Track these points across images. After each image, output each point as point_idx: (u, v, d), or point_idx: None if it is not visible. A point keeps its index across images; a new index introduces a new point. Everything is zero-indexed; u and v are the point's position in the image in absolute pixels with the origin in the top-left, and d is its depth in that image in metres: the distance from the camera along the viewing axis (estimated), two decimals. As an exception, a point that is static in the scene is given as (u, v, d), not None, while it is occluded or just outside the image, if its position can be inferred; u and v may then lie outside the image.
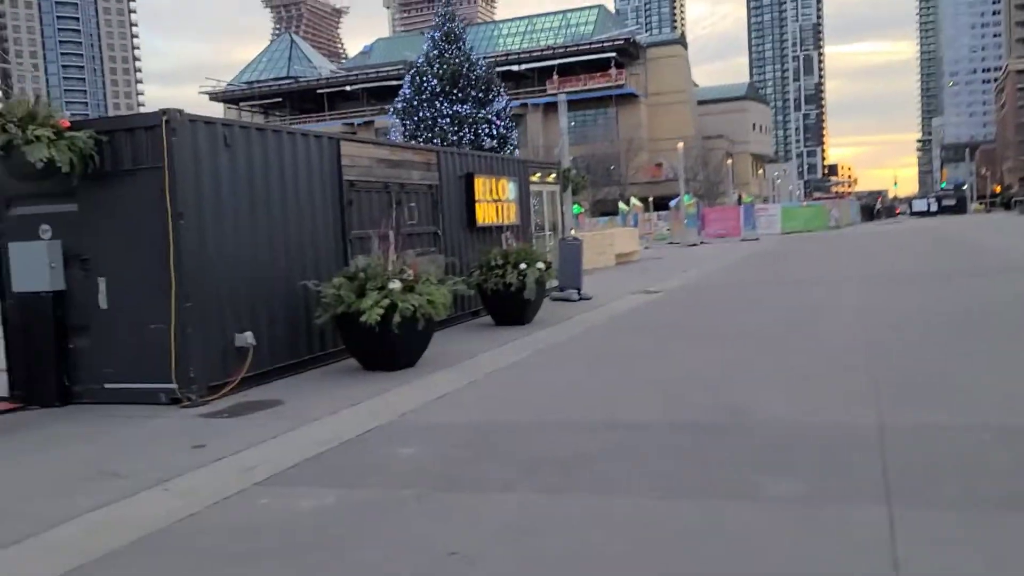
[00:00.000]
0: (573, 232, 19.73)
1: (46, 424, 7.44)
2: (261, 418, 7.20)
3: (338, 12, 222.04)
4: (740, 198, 62.07)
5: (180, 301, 7.81)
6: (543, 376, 8.80)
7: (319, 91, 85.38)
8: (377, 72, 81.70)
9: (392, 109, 34.80)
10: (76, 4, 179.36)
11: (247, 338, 8.42)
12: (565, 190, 18.67)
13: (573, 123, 33.89)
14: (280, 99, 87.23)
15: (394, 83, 58.36)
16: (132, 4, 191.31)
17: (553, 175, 18.09)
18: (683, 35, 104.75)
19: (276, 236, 9.17)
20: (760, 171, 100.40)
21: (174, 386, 7.84)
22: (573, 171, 19.01)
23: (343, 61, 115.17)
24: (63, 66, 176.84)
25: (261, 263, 8.88)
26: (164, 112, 7.92)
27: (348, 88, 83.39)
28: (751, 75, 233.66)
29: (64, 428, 7.25)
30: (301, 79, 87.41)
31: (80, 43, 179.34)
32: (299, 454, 5.90)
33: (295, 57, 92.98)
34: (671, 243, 40.42)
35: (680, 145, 46.32)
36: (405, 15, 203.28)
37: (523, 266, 12.22)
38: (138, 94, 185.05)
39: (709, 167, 75.94)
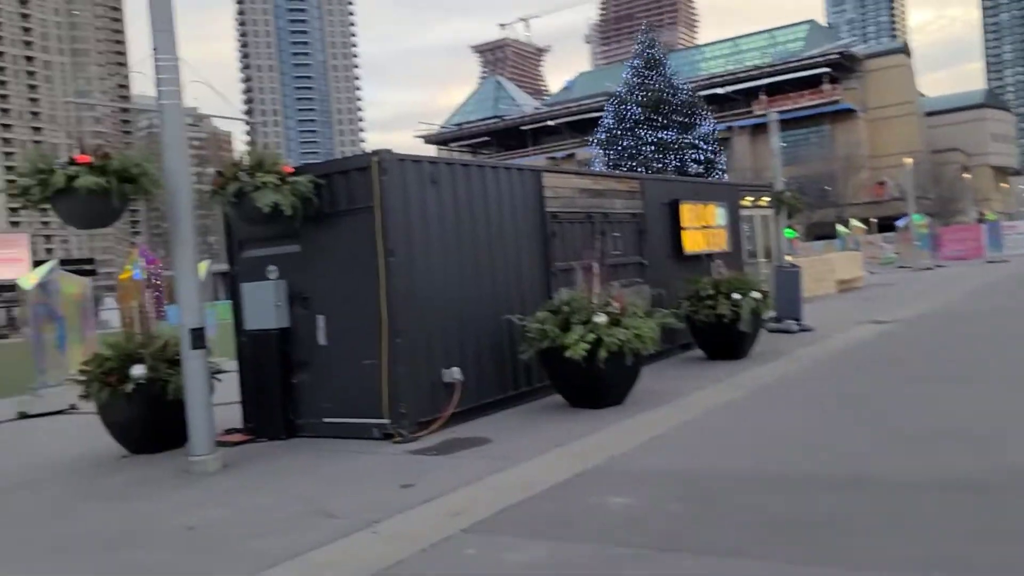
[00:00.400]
0: (789, 258, 18.42)
1: (271, 457, 7.77)
2: (468, 457, 7.06)
3: (541, 51, 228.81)
4: (981, 215, 55.85)
5: (391, 337, 7.92)
6: (766, 418, 8.00)
7: (523, 128, 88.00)
8: (579, 105, 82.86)
9: (594, 140, 34.86)
10: (310, 64, 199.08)
11: (455, 374, 8.40)
12: (779, 213, 17.48)
13: (784, 143, 32.10)
14: (487, 138, 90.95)
15: (595, 115, 58.66)
16: (356, 60, 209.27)
17: (766, 198, 17.01)
18: (905, 44, 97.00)
19: (481, 270, 9.15)
20: (1004, 185, 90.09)
21: (386, 421, 7.94)
22: (788, 193, 17.75)
23: (545, 97, 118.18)
24: (299, 120, 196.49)
25: (467, 298, 8.87)
26: (375, 153, 8.15)
27: (551, 123, 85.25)
28: (987, 81, 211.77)
29: (286, 462, 7.52)
30: (506, 117, 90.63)
31: (313, 99, 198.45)
32: (506, 499, 5.64)
33: (500, 97, 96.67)
34: (899, 267, 36.96)
35: (908, 160, 42.46)
36: (606, 47, 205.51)
37: (736, 296, 11.42)
38: (361, 141, 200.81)
39: (941, 183, 69.23)
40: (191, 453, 7.33)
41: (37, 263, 16.17)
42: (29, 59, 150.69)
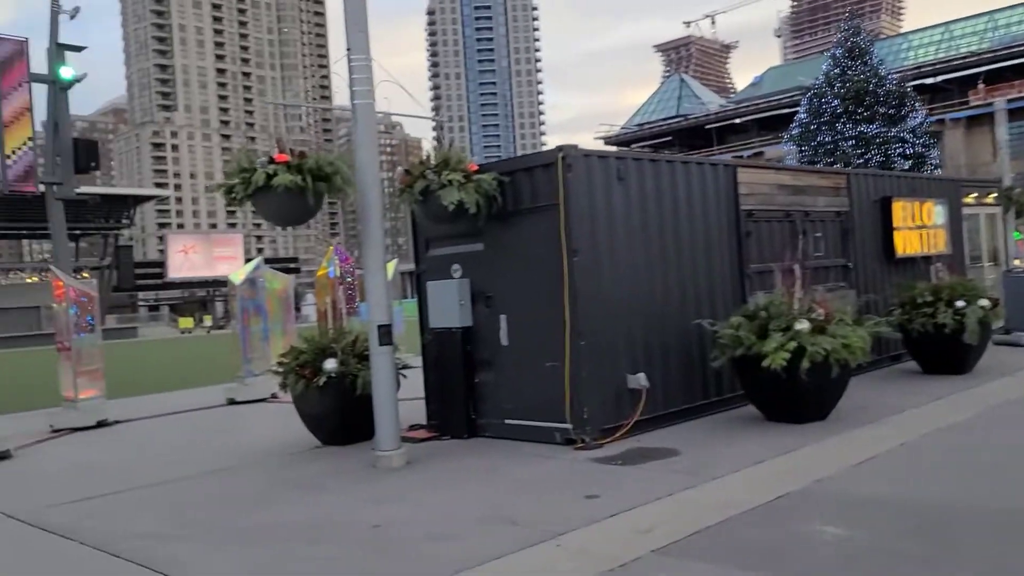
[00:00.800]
0: (1017, 262, 16.34)
1: (454, 456, 7.72)
2: (656, 469, 6.62)
3: (727, 48, 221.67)
4: None
5: (574, 339, 7.64)
6: (1001, 444, 6.94)
7: (707, 127, 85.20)
8: (767, 102, 79.01)
9: (787, 136, 32.95)
10: (494, 71, 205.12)
11: (640, 380, 7.97)
12: (1007, 212, 15.53)
13: (1008, 135, 28.80)
14: (669, 138, 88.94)
15: (786, 111, 55.77)
16: (539, 65, 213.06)
17: (992, 195, 15.17)
18: None
19: (669, 271, 8.66)
20: None
21: (568, 426, 7.67)
22: (1017, 189, 15.74)
23: (731, 95, 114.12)
24: (483, 125, 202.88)
25: (653, 300, 8.42)
26: (560, 149, 7.89)
27: (737, 121, 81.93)
28: None
29: (469, 462, 7.43)
30: (690, 116, 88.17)
31: (496, 104, 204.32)
32: (700, 519, 5.16)
33: (684, 96, 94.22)
34: None
35: None
36: (797, 42, 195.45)
37: (960, 304, 10.15)
38: (542, 145, 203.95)
39: None
40: (377, 448, 7.41)
41: (248, 261, 17.52)
42: (246, 75, 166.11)
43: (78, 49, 16.36)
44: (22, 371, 22.80)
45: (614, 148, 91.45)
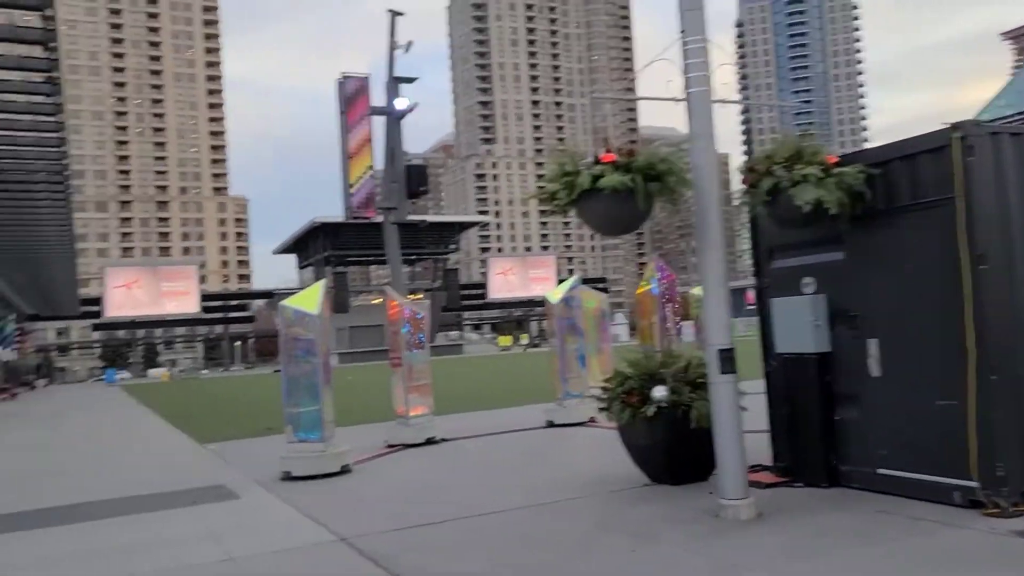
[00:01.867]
0: None
1: (814, 511, 6.29)
2: None
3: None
4: None
5: (982, 372, 5.84)
6: None
7: (1083, 115, 71.80)
8: None
9: None
10: (808, 78, 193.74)
11: (1079, 428, 5.91)
12: None
13: None
14: (1030, 133, 76.42)
15: None
16: (859, 68, 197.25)
17: None
18: None
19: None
20: None
21: (974, 484, 5.87)
22: None
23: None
24: (798, 136, 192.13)
25: (1091, 321, 6.28)
26: (955, 127, 6.15)
27: None
28: None
29: (836, 522, 5.96)
30: (1057, 106, 75.04)
31: (812, 112, 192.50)
32: None
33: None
34: None
35: None
36: None
37: None
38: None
39: None
40: (721, 495, 6.24)
41: (561, 282, 17.50)
42: (558, 104, 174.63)
43: (410, 80, 17.40)
44: (366, 384, 25.00)
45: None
